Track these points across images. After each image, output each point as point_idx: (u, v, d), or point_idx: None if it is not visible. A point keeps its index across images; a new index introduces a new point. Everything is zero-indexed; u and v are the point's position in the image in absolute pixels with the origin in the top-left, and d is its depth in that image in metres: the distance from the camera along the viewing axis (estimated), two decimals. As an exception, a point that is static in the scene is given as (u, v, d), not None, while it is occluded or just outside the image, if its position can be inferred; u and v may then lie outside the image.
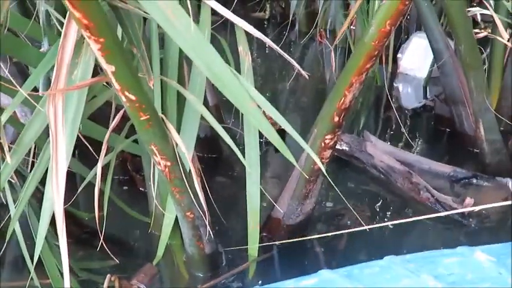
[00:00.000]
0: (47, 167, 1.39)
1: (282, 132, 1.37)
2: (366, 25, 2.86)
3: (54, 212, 1.27)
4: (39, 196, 1.48)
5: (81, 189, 1.64)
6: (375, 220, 2.23)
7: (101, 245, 1.58)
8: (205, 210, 1.91)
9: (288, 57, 1.53)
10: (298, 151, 1.69)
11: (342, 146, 2.51)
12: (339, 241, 2.07)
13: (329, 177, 1.55)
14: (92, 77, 1.30)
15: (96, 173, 1.45)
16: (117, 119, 1.42)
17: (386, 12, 1.44)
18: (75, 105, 1.28)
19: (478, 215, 2.16)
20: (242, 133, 1.68)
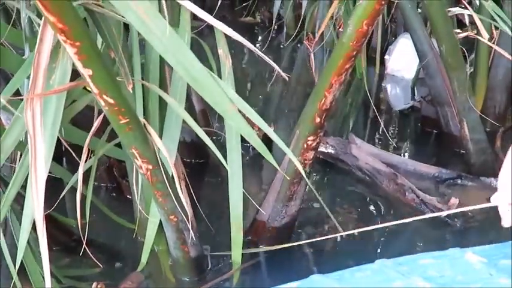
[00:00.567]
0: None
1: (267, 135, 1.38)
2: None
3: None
4: (22, 202, 1.47)
5: (63, 194, 1.63)
6: (362, 221, 2.24)
7: (87, 252, 1.58)
8: (189, 213, 1.92)
9: (268, 59, 1.53)
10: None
11: (328, 149, 2.52)
12: (326, 243, 2.08)
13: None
14: (71, 80, 1.30)
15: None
16: (97, 123, 1.42)
17: (363, 12, 1.45)
18: (54, 110, 1.27)
19: (463, 215, 2.17)
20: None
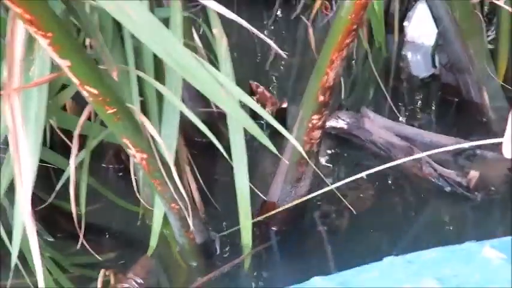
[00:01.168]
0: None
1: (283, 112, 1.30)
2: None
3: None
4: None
5: (60, 185, 1.59)
6: (379, 199, 2.16)
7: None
8: (196, 199, 1.88)
9: (264, 37, 1.45)
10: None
11: (339, 124, 2.43)
12: (341, 221, 2.02)
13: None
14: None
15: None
16: (87, 110, 1.36)
17: (360, -18, 1.35)
18: (36, 103, 1.22)
19: (484, 188, 2.08)
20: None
